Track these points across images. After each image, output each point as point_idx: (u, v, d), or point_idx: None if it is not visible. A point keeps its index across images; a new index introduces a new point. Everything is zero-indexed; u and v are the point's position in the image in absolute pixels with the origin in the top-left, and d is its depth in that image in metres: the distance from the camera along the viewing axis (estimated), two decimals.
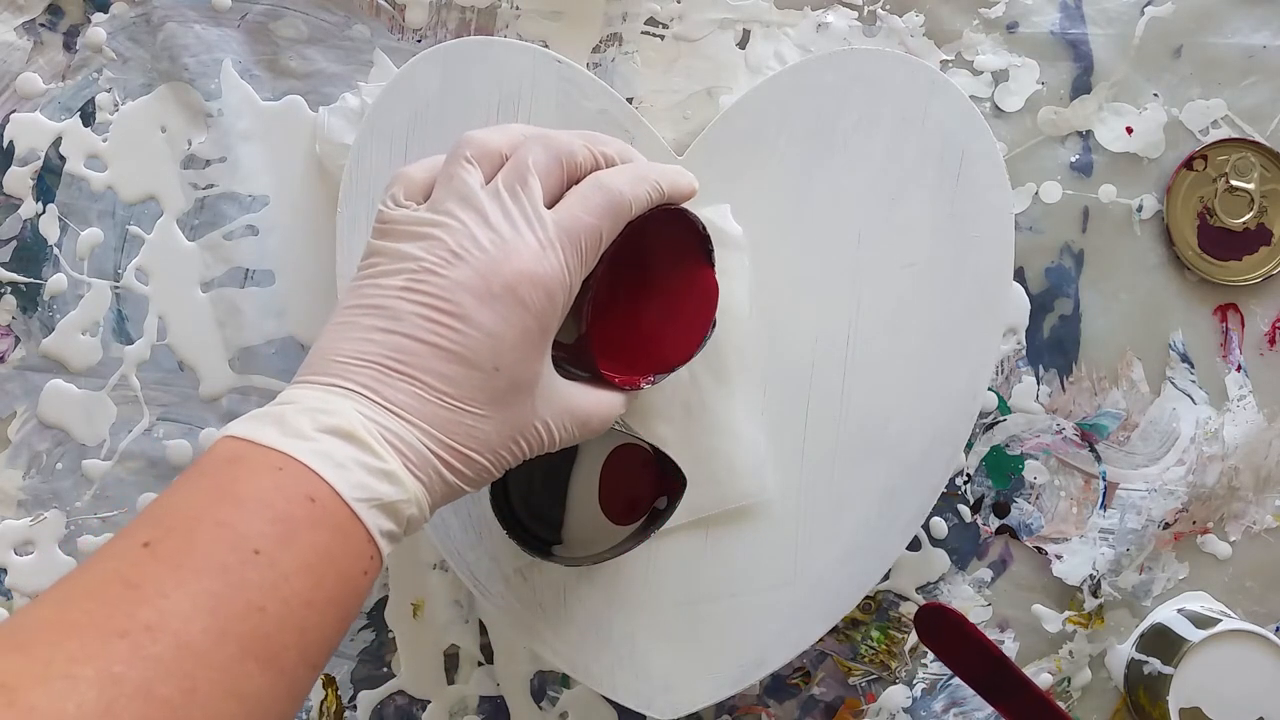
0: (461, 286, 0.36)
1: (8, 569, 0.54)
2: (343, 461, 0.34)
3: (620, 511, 0.48)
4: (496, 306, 0.36)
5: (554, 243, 0.37)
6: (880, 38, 0.53)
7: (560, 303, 0.37)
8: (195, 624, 0.30)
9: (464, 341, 0.35)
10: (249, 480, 0.33)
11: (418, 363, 0.35)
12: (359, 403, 0.35)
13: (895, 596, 0.53)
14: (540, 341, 0.37)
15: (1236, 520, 0.53)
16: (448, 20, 0.54)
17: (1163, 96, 0.53)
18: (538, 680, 0.54)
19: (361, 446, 0.34)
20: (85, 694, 0.28)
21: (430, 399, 0.35)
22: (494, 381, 0.36)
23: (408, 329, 0.35)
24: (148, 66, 0.55)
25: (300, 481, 0.33)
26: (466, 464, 0.36)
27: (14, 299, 0.54)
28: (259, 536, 0.32)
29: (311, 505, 0.33)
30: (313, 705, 0.54)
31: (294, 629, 0.32)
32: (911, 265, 0.49)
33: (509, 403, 0.37)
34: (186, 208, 0.54)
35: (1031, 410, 0.53)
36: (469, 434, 0.36)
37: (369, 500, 0.34)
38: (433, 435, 0.35)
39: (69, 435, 0.54)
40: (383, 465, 0.34)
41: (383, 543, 0.34)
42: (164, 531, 0.32)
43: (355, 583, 0.34)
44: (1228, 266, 0.53)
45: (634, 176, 0.39)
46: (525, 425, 0.38)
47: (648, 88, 0.53)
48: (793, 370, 0.49)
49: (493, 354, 0.36)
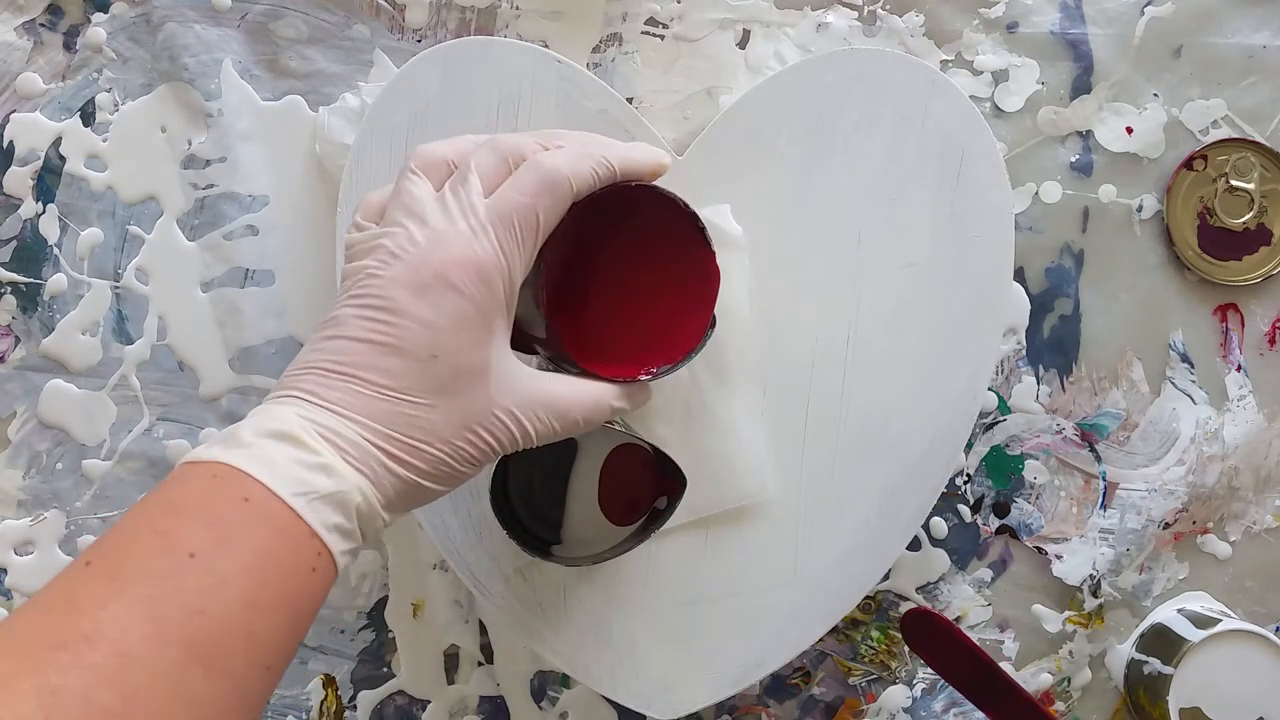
0: (395, 282, 0.36)
1: (8, 569, 0.54)
2: (278, 461, 0.34)
3: (620, 511, 0.48)
4: (429, 296, 0.36)
5: (485, 226, 0.37)
6: (880, 38, 0.53)
7: (499, 286, 0.37)
8: (133, 631, 0.30)
9: (398, 333, 0.36)
10: (185, 490, 0.34)
11: (355, 360, 0.36)
12: (299, 406, 0.35)
13: (895, 596, 0.53)
14: (483, 326, 0.37)
15: (1236, 520, 0.53)
16: (448, 20, 0.54)
17: (1163, 96, 0.53)
18: (538, 680, 0.54)
19: (298, 445, 0.34)
20: (23, 706, 0.28)
21: (368, 393, 0.36)
22: (433, 369, 0.36)
23: (348, 331, 0.36)
24: (148, 66, 0.55)
25: (235, 484, 0.33)
26: (414, 454, 0.36)
27: (14, 299, 0.54)
28: (195, 541, 0.32)
29: (247, 506, 0.33)
30: (313, 705, 0.54)
31: (239, 632, 0.32)
32: (911, 265, 0.49)
33: (455, 391, 0.36)
34: (186, 208, 0.54)
35: (1031, 410, 0.53)
36: (411, 424, 0.36)
37: (306, 494, 0.34)
38: (371, 427, 0.35)
39: (69, 435, 0.54)
40: (318, 459, 0.34)
41: (332, 538, 0.34)
42: (105, 548, 0.32)
43: (303, 581, 0.34)
44: (1228, 266, 0.53)
45: (575, 154, 0.39)
46: (482, 414, 0.37)
47: (648, 88, 0.53)
48: (793, 370, 0.49)
49: (429, 342, 0.36)
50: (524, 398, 0.38)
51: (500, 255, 0.37)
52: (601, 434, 0.48)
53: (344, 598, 0.54)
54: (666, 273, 0.43)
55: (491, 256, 0.37)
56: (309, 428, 0.35)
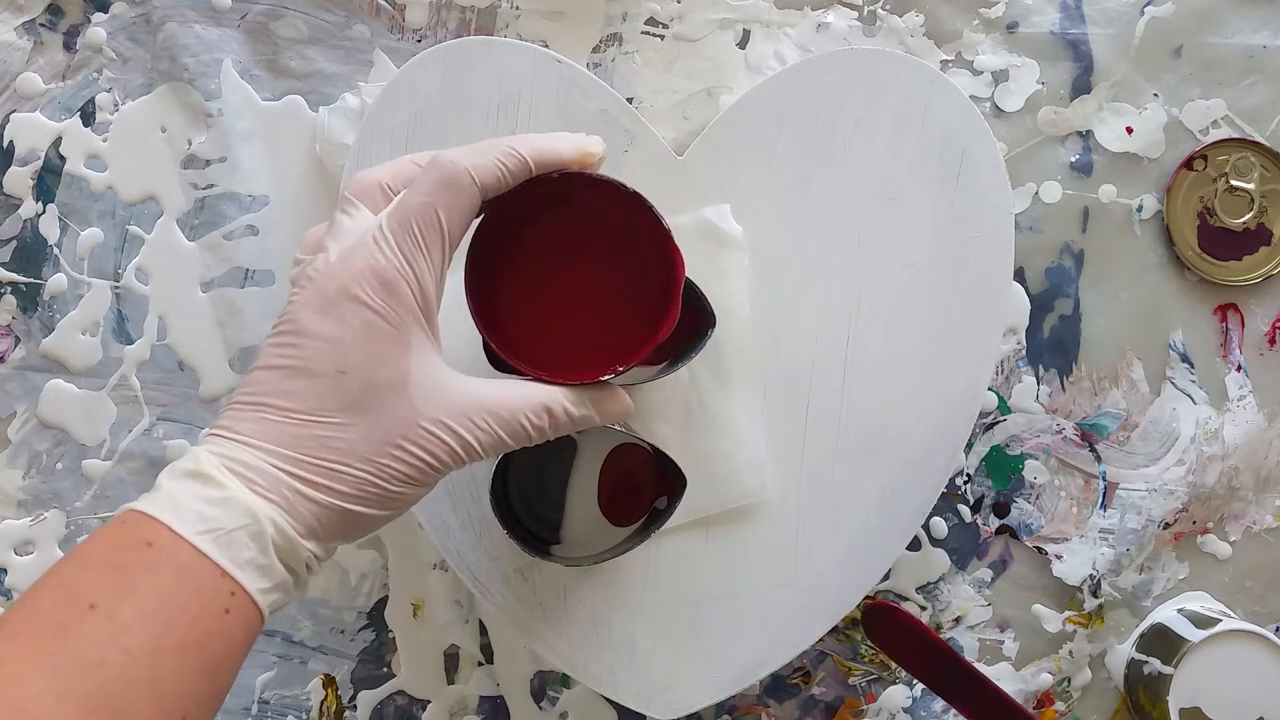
0: (303, 305, 0.35)
1: (8, 569, 0.54)
2: (183, 501, 0.33)
3: (620, 511, 0.48)
4: (332, 311, 0.35)
5: (386, 235, 0.36)
6: (880, 38, 0.53)
7: (407, 293, 0.35)
8: (32, 688, 0.30)
9: (302, 354, 0.35)
10: (94, 542, 0.33)
11: (265, 388, 0.35)
12: (214, 444, 0.35)
13: (895, 596, 0.53)
14: (395, 337, 0.35)
15: (1236, 520, 0.53)
16: (448, 20, 0.54)
17: (1163, 96, 0.53)
18: (538, 680, 0.54)
19: (205, 482, 0.33)
20: None
21: (276, 419, 0.35)
22: (342, 385, 0.35)
23: (262, 361, 0.36)
24: (148, 66, 0.55)
25: (137, 530, 0.33)
26: (330, 477, 0.35)
27: (14, 299, 0.54)
28: (96, 591, 0.32)
29: (150, 550, 0.32)
30: (313, 705, 0.54)
31: (142, 681, 0.31)
32: (911, 265, 0.49)
33: (370, 406, 0.35)
34: (186, 208, 0.54)
35: (1031, 410, 0.53)
36: (323, 445, 0.35)
37: (211, 531, 0.33)
38: (280, 454, 0.34)
39: (69, 435, 0.54)
40: (223, 494, 0.33)
41: (246, 574, 0.33)
42: (14, 607, 0.32)
43: (216, 624, 0.33)
44: (1228, 266, 0.53)
45: (477, 148, 0.37)
46: (406, 428, 0.35)
47: (648, 88, 0.53)
48: (793, 370, 0.49)
49: (335, 358, 0.35)
50: (457, 407, 0.36)
51: (403, 261, 0.35)
52: (601, 434, 0.48)
53: (344, 598, 0.54)
54: (620, 263, 0.40)
55: (393, 263, 0.35)
56: (218, 463, 0.34)
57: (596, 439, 0.48)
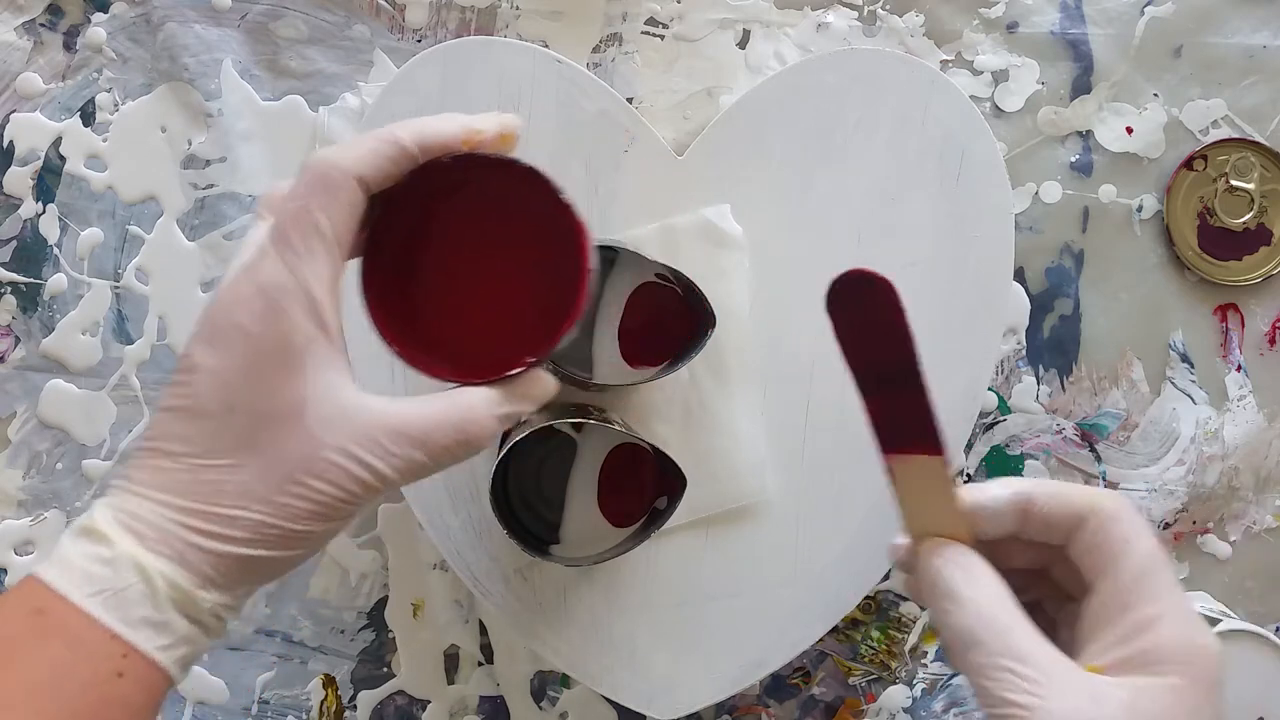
0: (195, 339, 0.33)
1: (8, 569, 0.54)
2: (74, 562, 0.31)
3: (620, 512, 0.48)
4: (218, 341, 0.33)
5: (265, 249, 0.33)
6: (880, 38, 0.53)
7: (295, 309, 0.32)
8: None
9: (192, 392, 0.33)
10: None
11: (159, 431, 0.33)
12: (113, 495, 0.33)
13: (895, 596, 0.53)
14: (284, 362, 0.32)
15: (1236, 520, 0.53)
16: (448, 20, 0.54)
17: (1163, 96, 0.53)
18: (538, 680, 0.54)
19: (97, 539, 0.32)
20: None
21: (168, 466, 0.32)
22: (231, 424, 0.32)
23: (161, 402, 0.33)
24: (148, 66, 0.55)
25: (28, 598, 0.31)
26: (224, 524, 0.32)
27: (14, 299, 0.54)
28: None
29: (40, 617, 0.31)
30: (313, 705, 0.54)
31: None
32: (912, 265, 0.49)
33: (264, 442, 0.32)
34: (186, 208, 0.54)
35: (1031, 410, 0.53)
36: (216, 490, 0.32)
37: (100, 593, 0.31)
38: (172, 504, 0.32)
39: (69, 435, 0.54)
40: (111, 552, 0.31)
41: (140, 634, 0.31)
42: None
43: (110, 690, 0.31)
44: (1228, 266, 0.53)
45: (356, 139, 0.34)
46: (308, 461, 0.32)
47: (648, 88, 0.53)
48: (793, 370, 0.49)
49: (222, 394, 0.32)
50: (363, 432, 0.33)
51: (286, 274, 0.32)
52: (601, 434, 0.48)
53: (344, 598, 0.54)
54: (526, 244, 0.37)
55: (275, 279, 0.32)
56: (110, 518, 0.32)
57: (597, 439, 0.48)
